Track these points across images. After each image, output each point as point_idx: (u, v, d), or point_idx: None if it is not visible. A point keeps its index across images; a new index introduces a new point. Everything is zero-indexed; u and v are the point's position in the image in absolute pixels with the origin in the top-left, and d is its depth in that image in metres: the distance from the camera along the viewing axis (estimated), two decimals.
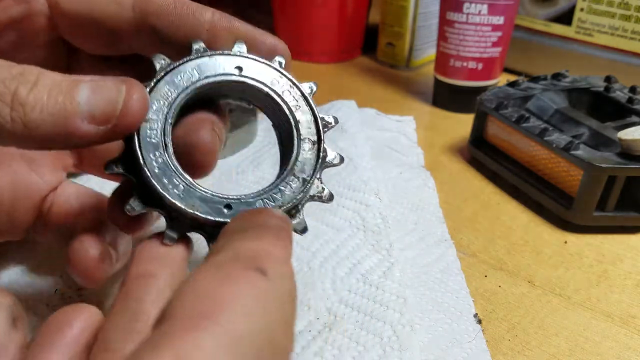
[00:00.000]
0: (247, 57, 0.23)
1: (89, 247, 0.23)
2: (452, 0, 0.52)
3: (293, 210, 0.23)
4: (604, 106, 0.44)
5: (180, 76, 0.22)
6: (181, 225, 0.21)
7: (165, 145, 0.21)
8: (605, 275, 0.34)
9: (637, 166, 0.35)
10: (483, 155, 0.45)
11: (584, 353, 0.28)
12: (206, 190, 0.21)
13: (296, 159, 0.23)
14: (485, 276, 0.33)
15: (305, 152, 0.23)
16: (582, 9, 0.59)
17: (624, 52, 0.58)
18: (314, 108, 0.23)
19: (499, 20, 0.51)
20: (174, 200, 0.20)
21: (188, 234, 0.22)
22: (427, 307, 0.30)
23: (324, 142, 0.23)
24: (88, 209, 0.27)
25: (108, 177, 0.28)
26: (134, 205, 0.21)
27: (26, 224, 0.27)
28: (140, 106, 0.20)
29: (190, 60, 0.22)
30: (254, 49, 0.24)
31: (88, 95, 0.18)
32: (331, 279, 0.30)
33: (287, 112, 0.23)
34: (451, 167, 0.46)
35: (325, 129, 0.24)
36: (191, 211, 0.21)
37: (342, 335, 0.27)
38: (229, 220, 0.21)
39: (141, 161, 0.20)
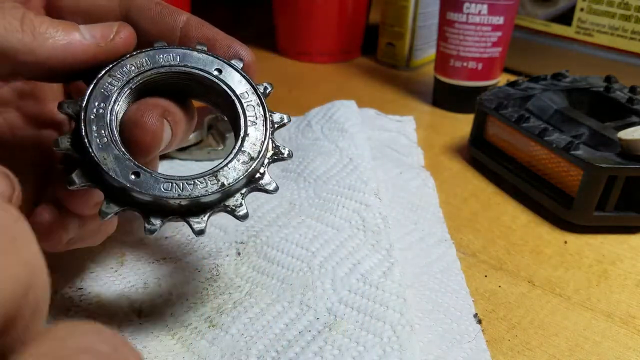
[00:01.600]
0: (232, 66, 0.25)
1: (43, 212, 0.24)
2: (452, 0, 0.52)
3: (195, 208, 0.23)
4: (604, 106, 0.44)
5: (164, 56, 0.24)
6: (90, 172, 0.22)
7: (113, 101, 0.22)
8: (605, 275, 0.34)
9: (637, 166, 0.35)
10: (483, 155, 0.45)
11: (584, 353, 0.28)
12: (126, 154, 0.22)
13: (225, 165, 0.23)
14: (485, 276, 0.33)
15: (238, 163, 0.23)
16: (582, 9, 0.59)
17: (624, 52, 0.58)
18: (267, 135, 0.24)
19: (499, 20, 0.51)
20: (90, 147, 0.21)
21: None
22: (427, 307, 0.30)
23: (261, 165, 0.24)
24: None
25: None
26: (74, 179, 0.22)
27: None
28: (130, 31, 0.23)
29: (182, 48, 0.24)
30: (216, 51, 0.25)
31: (86, 26, 0.22)
32: (331, 279, 0.30)
33: (242, 123, 0.24)
34: (451, 167, 0.46)
35: (275, 157, 0.24)
36: (98, 162, 0.21)
37: (342, 335, 0.27)
38: (127, 185, 0.21)
39: (85, 101, 0.22)
